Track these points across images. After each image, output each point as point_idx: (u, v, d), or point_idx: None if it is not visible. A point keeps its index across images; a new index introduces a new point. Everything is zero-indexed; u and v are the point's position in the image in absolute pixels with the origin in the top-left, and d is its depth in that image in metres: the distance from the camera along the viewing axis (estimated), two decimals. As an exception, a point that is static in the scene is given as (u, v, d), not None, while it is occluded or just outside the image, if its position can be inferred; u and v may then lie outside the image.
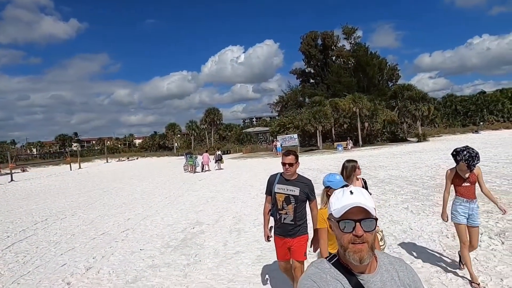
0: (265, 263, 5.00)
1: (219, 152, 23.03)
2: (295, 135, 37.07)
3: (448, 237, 5.39)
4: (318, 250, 3.14)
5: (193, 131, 57.58)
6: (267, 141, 56.45)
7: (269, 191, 3.54)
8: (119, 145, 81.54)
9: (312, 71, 64.68)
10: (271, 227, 3.59)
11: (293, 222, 3.38)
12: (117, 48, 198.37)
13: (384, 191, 9.78)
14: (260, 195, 10.82)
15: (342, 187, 2.31)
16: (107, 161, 48.26)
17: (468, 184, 3.86)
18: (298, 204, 3.37)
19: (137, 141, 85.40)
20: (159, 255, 5.82)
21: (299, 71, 65.95)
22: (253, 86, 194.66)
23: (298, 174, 3.48)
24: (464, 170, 3.84)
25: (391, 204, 8.15)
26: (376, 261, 1.26)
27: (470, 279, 3.83)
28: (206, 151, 23.85)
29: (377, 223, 1.23)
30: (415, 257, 4.72)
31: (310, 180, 3.50)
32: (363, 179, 4.13)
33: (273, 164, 22.47)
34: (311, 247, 3.44)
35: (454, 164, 3.96)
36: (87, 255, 6.10)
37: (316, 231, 3.28)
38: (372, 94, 47.18)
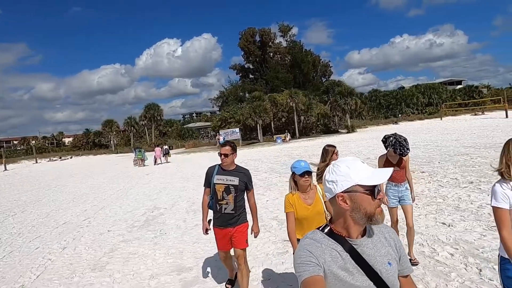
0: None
1: (166, 147, 23.85)
2: (237, 129, 38.52)
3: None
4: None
5: (132, 128, 55.90)
6: (209, 136, 57.22)
7: (208, 182, 3.53)
8: (47, 144, 75.42)
9: (251, 66, 66.53)
10: (209, 220, 3.60)
11: (233, 212, 3.43)
12: (38, 38, 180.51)
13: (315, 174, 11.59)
14: (209, 183, 11.96)
15: (304, 172, 2.83)
16: (37, 162, 45.02)
17: (398, 168, 4.00)
18: (238, 193, 3.43)
19: (67, 140, 79.83)
20: (127, 233, 6.72)
21: (239, 67, 67.37)
22: (192, 81, 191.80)
23: (237, 165, 3.53)
24: (392, 155, 4.02)
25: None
26: (365, 227, 1.31)
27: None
28: (158, 145, 24.73)
29: None
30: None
31: (248, 170, 3.60)
32: None
33: (218, 157, 23.65)
34: (251, 234, 3.57)
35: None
36: (57, 239, 6.73)
37: (255, 218, 3.57)
38: (307, 89, 50.47)
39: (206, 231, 3.63)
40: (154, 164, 22.83)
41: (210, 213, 3.63)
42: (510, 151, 2.10)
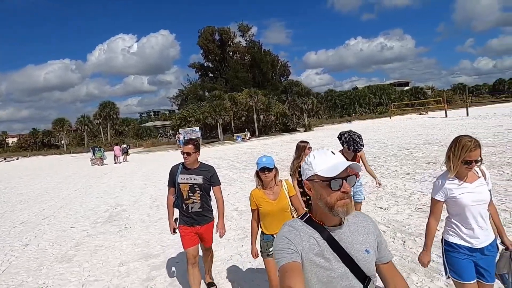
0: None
1: (125, 146, 23.61)
2: (197, 128, 38.53)
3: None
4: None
5: (85, 127, 53.49)
6: (168, 135, 56.45)
7: (172, 182, 3.47)
8: (-12, 145, 69.60)
9: (210, 65, 66.43)
10: (176, 219, 3.54)
11: (200, 210, 3.40)
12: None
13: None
14: (170, 180, 12.19)
15: (263, 168, 2.83)
16: (-22, 164, 41.65)
17: None
18: (203, 191, 3.40)
19: (12, 140, 74.24)
20: (91, 229, 6.87)
21: (198, 65, 66.95)
22: (149, 78, 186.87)
23: (200, 162, 3.47)
24: (347, 151, 4.12)
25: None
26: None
27: None
28: (117, 144, 24.68)
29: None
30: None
31: (212, 167, 3.55)
32: None
33: (178, 156, 23.71)
34: (216, 232, 3.52)
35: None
36: (17, 238, 6.72)
37: (221, 215, 3.51)
38: (266, 89, 51.52)
39: (173, 230, 3.55)
40: (115, 163, 22.68)
41: (176, 213, 3.59)
42: (456, 150, 2.24)
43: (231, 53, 64.48)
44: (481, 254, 2.28)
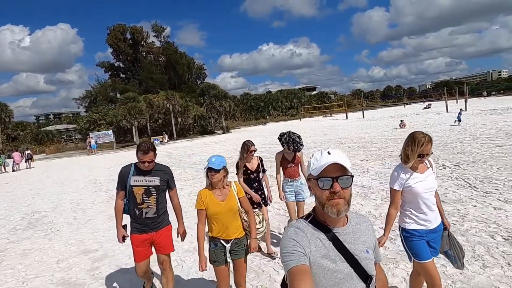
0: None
1: (28, 151, 21.34)
2: (110, 132, 36.44)
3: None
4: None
5: (-32, 132, 45.83)
6: (74, 139, 51.92)
7: (123, 185, 3.15)
8: None
9: (121, 65, 63.01)
10: (124, 225, 3.27)
11: (156, 215, 3.15)
12: None
13: (196, 170, 12.85)
14: (89, 186, 11.81)
15: (210, 168, 2.74)
16: None
17: (292, 165, 4.27)
18: (159, 194, 3.16)
19: None
20: (12, 235, 6.58)
21: (107, 65, 62.89)
22: (46, 77, 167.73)
23: (156, 163, 3.20)
24: (288, 152, 4.25)
25: (201, 178, 11.15)
26: (347, 217, 1.39)
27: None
28: (17, 150, 22.47)
29: (353, 180, 1.32)
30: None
31: (169, 167, 3.33)
32: (259, 157, 4.56)
33: (92, 161, 22.47)
34: (177, 237, 3.39)
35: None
36: None
37: (180, 219, 3.38)
38: (183, 91, 51.19)
39: (123, 238, 3.24)
40: (13, 171, 20.41)
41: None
42: (412, 145, 2.45)
43: (144, 53, 62.21)
44: (432, 234, 2.56)
